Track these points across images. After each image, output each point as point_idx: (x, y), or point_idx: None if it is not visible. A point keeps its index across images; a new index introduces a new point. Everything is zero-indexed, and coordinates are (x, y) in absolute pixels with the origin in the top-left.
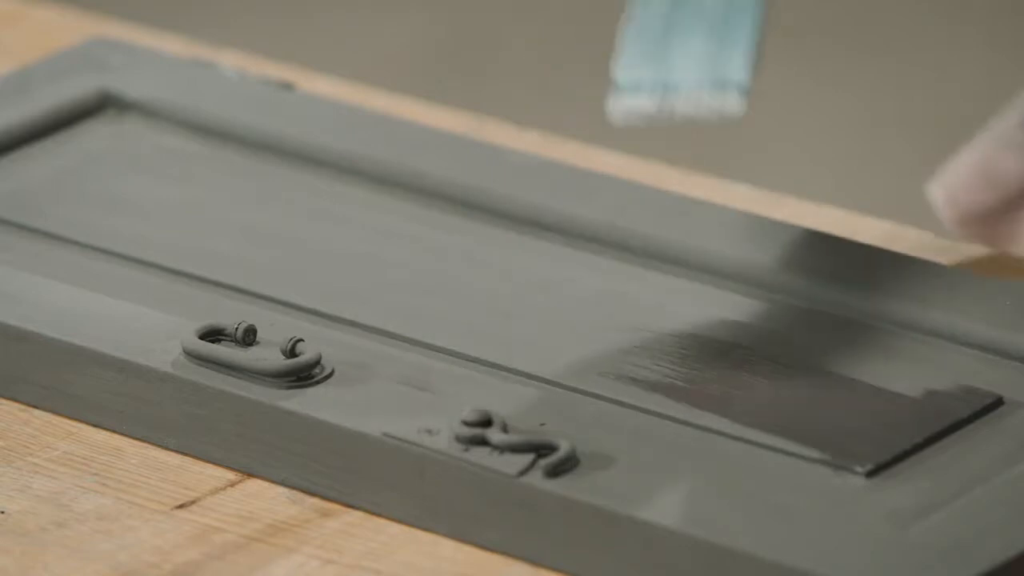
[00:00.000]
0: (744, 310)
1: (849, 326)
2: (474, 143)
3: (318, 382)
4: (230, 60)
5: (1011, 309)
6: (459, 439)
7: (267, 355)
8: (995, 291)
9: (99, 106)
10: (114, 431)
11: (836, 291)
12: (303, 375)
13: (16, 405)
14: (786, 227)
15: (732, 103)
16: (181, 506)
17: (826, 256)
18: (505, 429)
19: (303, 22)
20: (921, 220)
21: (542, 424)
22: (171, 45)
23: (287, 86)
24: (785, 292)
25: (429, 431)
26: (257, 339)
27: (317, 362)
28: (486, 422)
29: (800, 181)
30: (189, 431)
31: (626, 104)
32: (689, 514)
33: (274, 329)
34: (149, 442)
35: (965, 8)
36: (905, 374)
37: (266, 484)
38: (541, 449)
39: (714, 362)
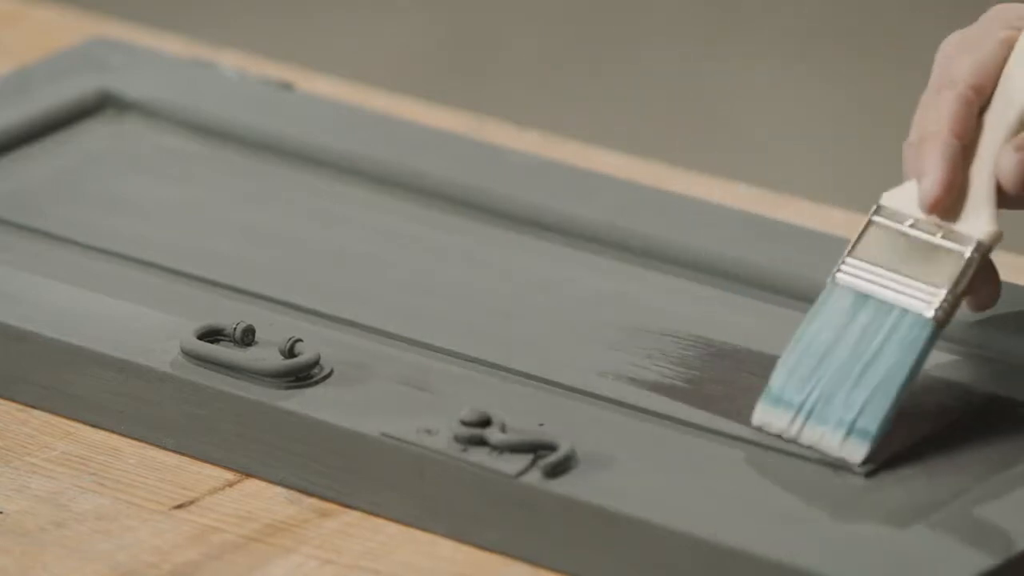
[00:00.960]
0: (744, 310)
1: None
2: (474, 143)
3: (317, 382)
4: (230, 60)
5: (1010, 310)
6: (458, 439)
7: (266, 355)
8: None
9: (99, 106)
10: (112, 431)
11: None
12: (302, 375)
13: (14, 405)
14: (786, 227)
15: (855, 452)
16: (180, 506)
17: (826, 256)
18: (504, 429)
19: (303, 22)
20: None
21: (541, 424)
22: (171, 45)
23: (286, 86)
24: (785, 292)
25: (428, 431)
26: (256, 339)
27: (316, 362)
28: (485, 422)
29: (800, 181)
30: (188, 431)
31: (768, 414)
32: (688, 514)
33: (273, 329)
34: (147, 442)
35: (965, 8)
36: None
37: (264, 484)
38: (540, 449)
39: (714, 362)
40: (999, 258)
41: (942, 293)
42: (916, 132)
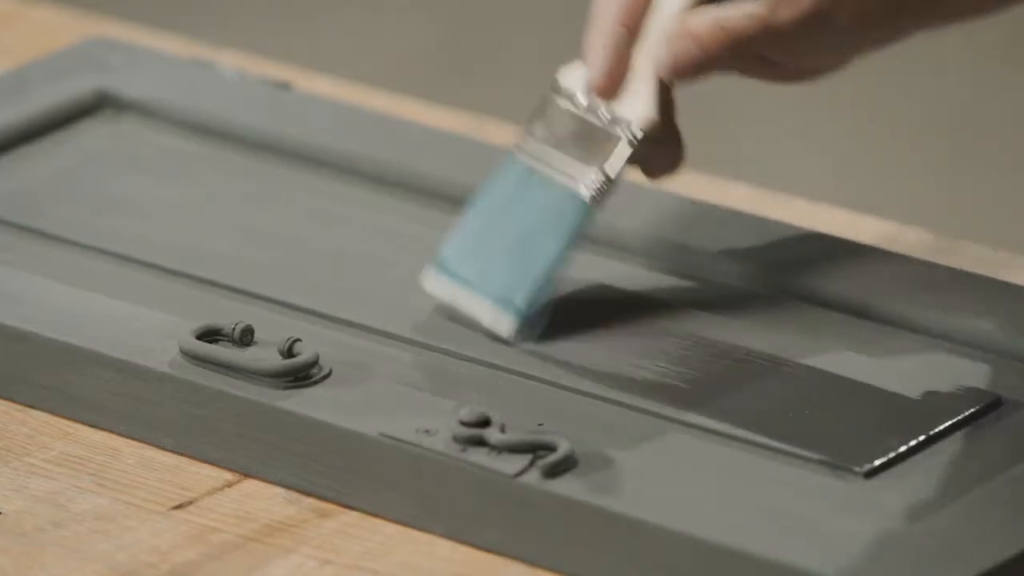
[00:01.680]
0: (743, 310)
1: (849, 326)
2: (474, 143)
3: (316, 382)
4: (229, 60)
5: (1010, 310)
6: (457, 439)
7: (265, 355)
8: (995, 291)
9: (97, 106)
10: (111, 431)
11: (836, 291)
12: (301, 375)
13: (13, 405)
14: (786, 227)
15: (504, 325)
16: (179, 506)
17: (826, 256)
18: (503, 429)
19: (302, 22)
20: (921, 220)
21: (540, 424)
22: (169, 45)
23: (285, 86)
24: (785, 292)
25: (427, 431)
26: (255, 339)
27: (315, 362)
28: (484, 422)
29: (800, 181)
30: (187, 431)
31: (434, 282)
32: (687, 514)
33: (272, 329)
34: (146, 442)
35: None
36: (904, 374)
37: (264, 484)
38: (539, 449)
39: (713, 362)
40: (999, 257)
41: (598, 175)
42: (590, 15)
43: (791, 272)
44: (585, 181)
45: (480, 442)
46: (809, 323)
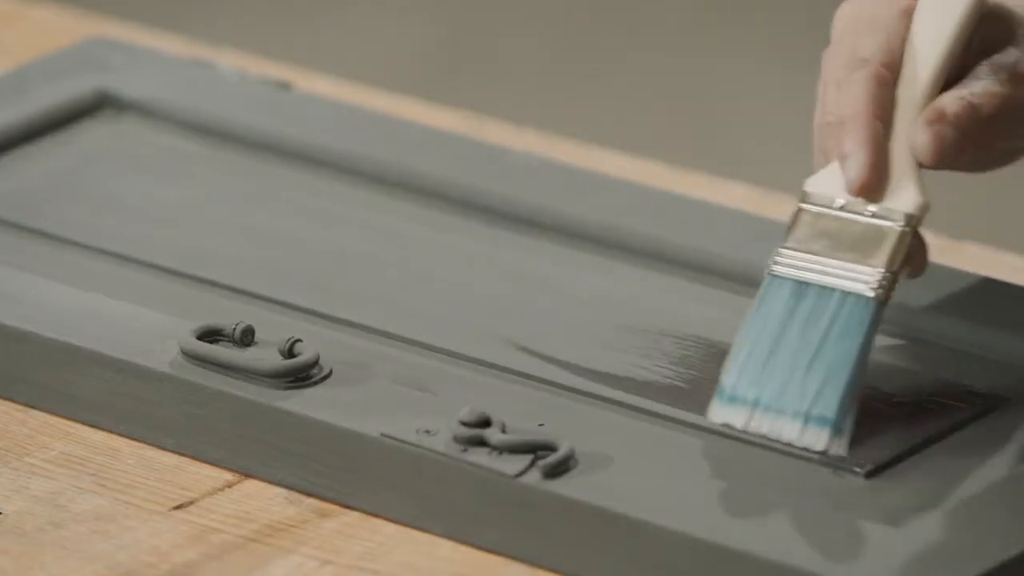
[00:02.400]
0: (744, 310)
1: None
2: (474, 143)
3: (316, 382)
4: (229, 60)
5: (1010, 310)
6: (457, 439)
7: (265, 355)
8: (995, 291)
9: (97, 106)
10: (111, 431)
11: None
12: (301, 375)
13: (13, 405)
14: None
15: (818, 439)
16: (179, 507)
17: None
18: (504, 429)
19: (302, 22)
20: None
21: (541, 424)
22: (169, 45)
23: (285, 86)
24: None
25: (427, 431)
26: (255, 339)
27: (315, 362)
28: (484, 422)
29: (800, 181)
30: (187, 431)
31: (724, 412)
32: (688, 514)
33: (272, 329)
34: (146, 442)
35: None
36: (904, 375)
37: (264, 484)
38: (540, 449)
39: (714, 362)
40: (999, 256)
41: (880, 271)
42: (832, 113)
43: None
44: (868, 280)
45: (481, 442)
46: None
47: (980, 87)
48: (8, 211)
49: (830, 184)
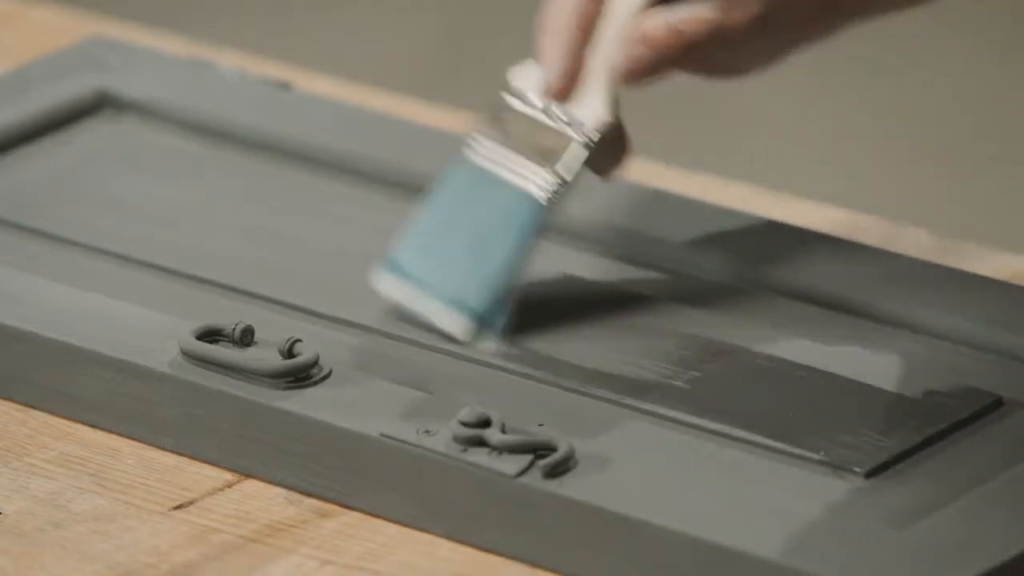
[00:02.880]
0: (744, 310)
1: (849, 326)
2: None
3: (316, 382)
4: (228, 60)
5: (1010, 310)
6: (457, 440)
7: (265, 355)
8: (995, 291)
9: (97, 106)
10: (111, 431)
11: (835, 291)
12: (301, 375)
13: (13, 405)
14: (786, 227)
15: (458, 326)
16: (179, 507)
17: (826, 256)
18: (503, 430)
19: (302, 22)
20: (921, 220)
21: (540, 425)
22: (169, 45)
23: (285, 86)
24: (784, 293)
25: (427, 432)
26: (255, 339)
27: (315, 362)
28: (484, 423)
29: (800, 181)
30: (187, 431)
31: (387, 283)
32: (688, 514)
33: (272, 329)
34: (146, 442)
35: (965, 10)
36: (904, 374)
37: (264, 485)
38: (539, 450)
39: (713, 362)
40: (999, 256)
41: (554, 179)
42: (543, 18)
43: (791, 272)
44: (540, 183)
45: (480, 442)
46: (809, 323)
47: (688, 12)
48: (8, 211)
49: (530, 81)
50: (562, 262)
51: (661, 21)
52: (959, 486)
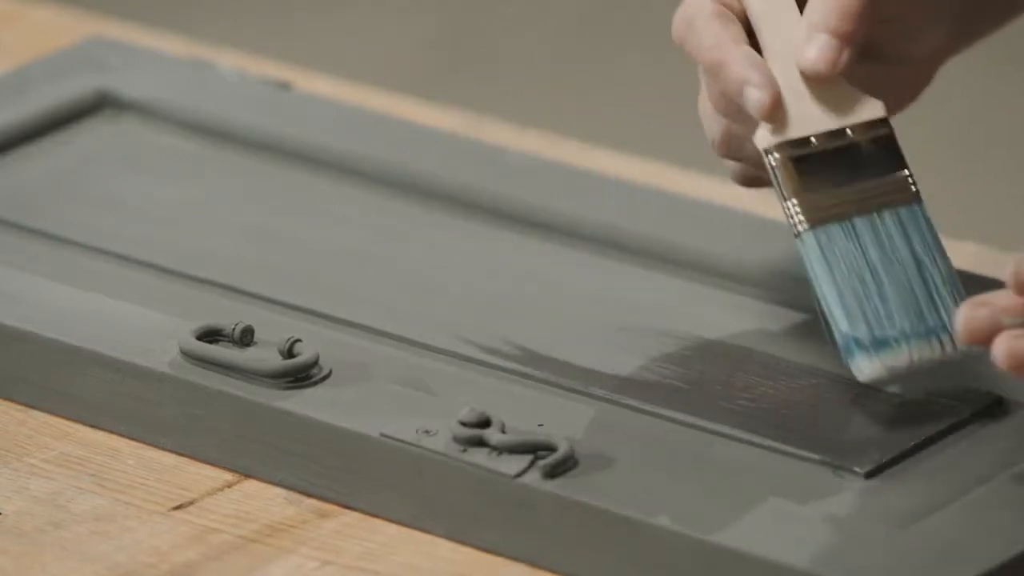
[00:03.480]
0: (744, 310)
1: None
2: (473, 143)
3: (316, 382)
4: (228, 60)
5: None
6: (457, 440)
7: (265, 355)
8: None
9: (97, 106)
10: (111, 431)
11: None
12: (301, 375)
13: (13, 405)
14: (785, 227)
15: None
16: (178, 507)
17: None
18: (503, 430)
19: (302, 22)
20: None
21: (540, 425)
22: (169, 45)
23: (285, 86)
24: (785, 292)
25: (427, 432)
26: (255, 339)
27: (315, 363)
28: (484, 423)
29: None
30: (186, 431)
31: (873, 366)
32: (688, 514)
33: (272, 329)
34: (146, 442)
35: None
36: (904, 375)
37: (264, 485)
38: (539, 450)
39: (713, 363)
40: (1000, 256)
41: (905, 173)
42: (697, 47)
43: (791, 272)
44: (905, 186)
45: (480, 442)
46: (809, 323)
47: None
48: (8, 211)
49: (778, 130)
50: (562, 262)
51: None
52: (959, 486)
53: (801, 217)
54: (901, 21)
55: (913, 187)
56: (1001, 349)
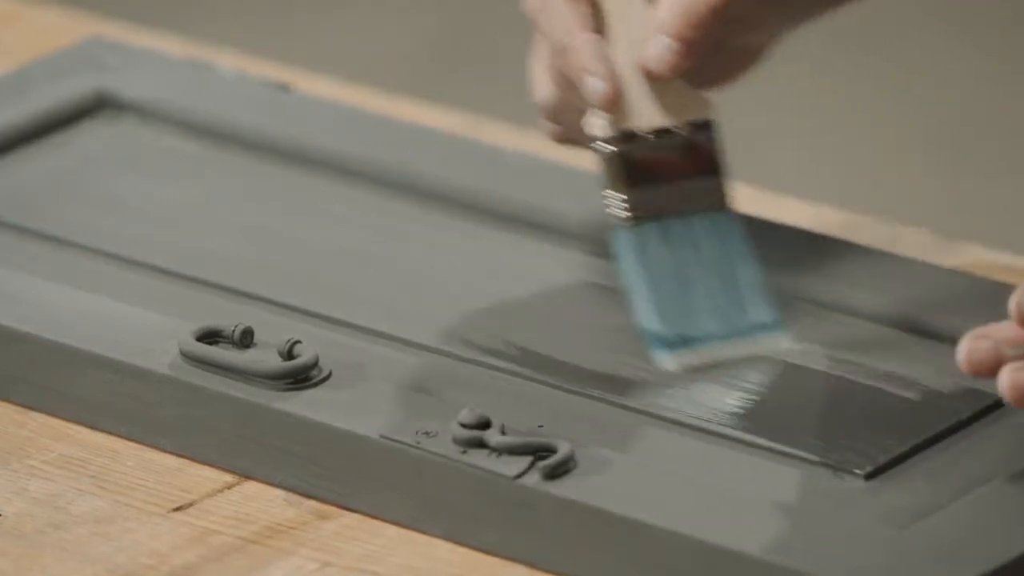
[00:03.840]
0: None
1: (848, 328)
2: (472, 143)
3: (315, 384)
4: (228, 61)
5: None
6: (457, 441)
7: (264, 357)
8: (995, 292)
9: (96, 106)
10: (111, 433)
11: (835, 292)
12: (300, 377)
13: (13, 407)
14: (786, 227)
15: (777, 342)
16: (178, 508)
17: (826, 257)
18: (503, 431)
19: (301, 23)
20: (921, 220)
21: (540, 426)
22: (169, 46)
23: (284, 87)
24: (784, 294)
25: (427, 433)
26: (254, 341)
27: (315, 364)
28: (484, 424)
29: (800, 181)
30: (186, 433)
31: (676, 358)
32: (687, 515)
33: (272, 330)
34: (146, 444)
35: (965, 10)
36: (904, 376)
37: (263, 486)
38: (539, 451)
39: (713, 364)
40: (999, 256)
41: (720, 179)
42: (546, 47)
43: (790, 273)
44: (719, 194)
45: (480, 444)
46: (808, 324)
47: None
48: (8, 211)
49: (614, 119)
50: (562, 263)
51: (674, 5)
52: (959, 487)
53: (621, 212)
54: (745, 20)
55: (726, 195)
56: (1005, 382)
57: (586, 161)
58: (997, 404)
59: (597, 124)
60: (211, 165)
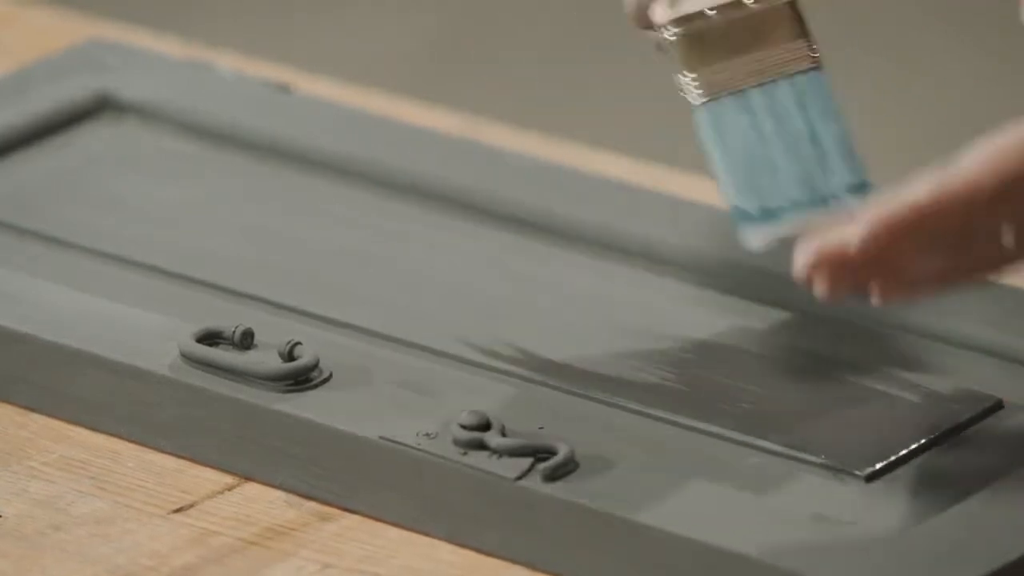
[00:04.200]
0: (743, 313)
1: (848, 329)
2: (472, 145)
3: (316, 385)
4: (228, 61)
5: (1011, 312)
6: (457, 443)
7: (265, 358)
8: (995, 293)
9: (97, 108)
10: (111, 434)
11: None
12: (301, 378)
13: (13, 408)
14: None
15: (862, 201)
16: (179, 510)
17: None
18: (504, 432)
19: (301, 23)
20: None
21: (541, 427)
22: (169, 46)
23: (284, 88)
24: (784, 294)
25: (427, 435)
26: (255, 342)
27: (315, 365)
28: (484, 425)
29: None
30: (186, 434)
31: (762, 232)
32: (688, 517)
33: (272, 332)
34: (146, 445)
35: (965, 10)
36: (905, 377)
37: (264, 487)
38: (540, 453)
39: (713, 365)
40: None
41: (804, 41)
42: None
43: (790, 275)
44: (802, 55)
45: (481, 445)
46: (808, 326)
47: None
48: (8, 212)
49: (677, 2)
50: (562, 264)
51: None
52: (960, 490)
53: (695, 91)
54: None
55: (812, 55)
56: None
57: (586, 161)
58: (997, 407)
59: (662, 12)
60: (211, 165)
